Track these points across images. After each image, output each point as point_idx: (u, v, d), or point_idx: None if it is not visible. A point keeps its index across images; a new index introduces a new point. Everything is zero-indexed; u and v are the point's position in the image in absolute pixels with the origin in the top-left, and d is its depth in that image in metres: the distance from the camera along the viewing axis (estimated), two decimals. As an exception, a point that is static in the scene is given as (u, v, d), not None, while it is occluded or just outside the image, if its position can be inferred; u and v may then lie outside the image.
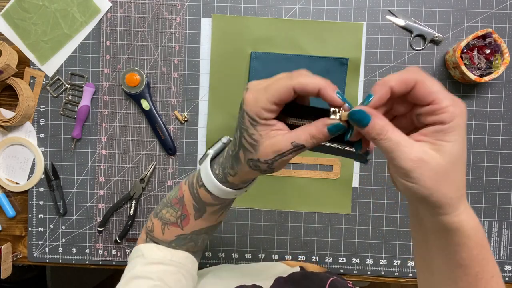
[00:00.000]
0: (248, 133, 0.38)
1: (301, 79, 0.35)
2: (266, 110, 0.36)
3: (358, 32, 0.80)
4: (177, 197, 0.51)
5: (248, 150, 0.39)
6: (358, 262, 0.82)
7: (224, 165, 0.44)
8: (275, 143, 0.37)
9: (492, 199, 0.81)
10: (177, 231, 0.51)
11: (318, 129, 0.36)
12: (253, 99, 0.37)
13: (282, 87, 0.35)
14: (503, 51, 0.73)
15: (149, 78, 0.81)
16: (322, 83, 0.35)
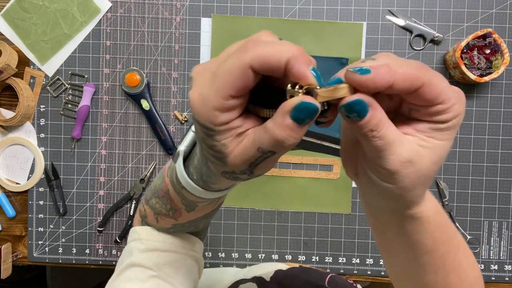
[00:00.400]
0: (207, 145, 0.27)
1: (259, 50, 0.24)
2: (221, 110, 0.25)
3: (358, 32, 0.80)
4: (162, 190, 0.43)
5: (215, 163, 0.29)
6: (358, 262, 0.82)
7: (200, 171, 0.34)
8: (243, 151, 0.26)
9: (492, 199, 0.81)
10: (171, 221, 0.45)
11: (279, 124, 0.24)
12: (200, 99, 0.25)
13: (234, 70, 0.24)
14: (503, 51, 0.73)
15: (149, 78, 0.81)
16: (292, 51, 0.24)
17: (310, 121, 0.24)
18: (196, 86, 0.26)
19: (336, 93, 0.24)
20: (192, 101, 0.26)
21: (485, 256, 0.82)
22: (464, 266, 0.36)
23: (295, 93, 0.24)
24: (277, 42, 0.25)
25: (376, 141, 0.25)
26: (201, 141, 0.28)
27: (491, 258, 0.82)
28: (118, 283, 0.47)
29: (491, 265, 0.82)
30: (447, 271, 0.34)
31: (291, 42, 0.25)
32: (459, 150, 0.81)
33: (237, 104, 0.25)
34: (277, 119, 0.24)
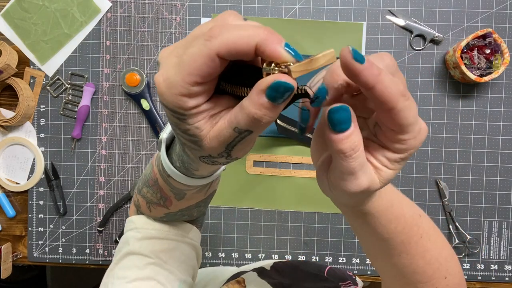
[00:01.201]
0: (181, 129, 0.27)
1: (225, 36, 0.23)
2: (187, 96, 0.24)
3: (358, 32, 0.80)
4: (152, 179, 0.43)
5: (192, 148, 0.28)
6: (358, 262, 0.82)
7: (182, 158, 0.34)
8: (219, 132, 0.25)
9: (492, 199, 0.81)
10: (163, 210, 0.45)
11: (254, 102, 0.23)
12: (166, 84, 0.24)
13: (200, 57, 0.23)
14: (503, 51, 0.73)
15: (149, 78, 0.81)
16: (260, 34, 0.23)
17: (286, 99, 0.23)
18: (162, 69, 0.25)
19: (312, 65, 0.23)
20: (158, 85, 0.25)
21: (485, 256, 0.82)
22: (430, 250, 0.38)
23: (271, 70, 0.23)
24: (243, 25, 0.23)
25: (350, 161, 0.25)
26: (174, 127, 0.27)
27: (491, 258, 0.82)
28: (116, 271, 0.47)
29: (491, 265, 0.82)
30: (411, 255, 0.36)
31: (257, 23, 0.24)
32: (459, 150, 0.81)
33: (205, 90, 0.24)
34: (252, 97, 0.23)
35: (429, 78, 0.80)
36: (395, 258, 0.37)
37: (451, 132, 0.81)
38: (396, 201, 0.35)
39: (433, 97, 0.81)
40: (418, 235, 0.37)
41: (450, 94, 0.81)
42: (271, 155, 0.81)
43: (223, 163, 0.30)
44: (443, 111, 0.81)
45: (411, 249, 0.36)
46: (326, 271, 0.62)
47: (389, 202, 0.34)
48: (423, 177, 0.81)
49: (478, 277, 0.82)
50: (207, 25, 0.25)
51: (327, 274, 0.62)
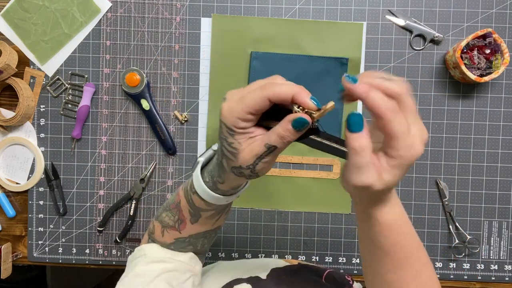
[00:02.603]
0: (227, 142, 0.38)
1: (274, 88, 0.36)
2: (241, 120, 0.37)
3: (358, 32, 0.80)
4: (174, 202, 0.52)
5: (229, 159, 0.39)
6: (358, 262, 0.82)
7: (212, 173, 0.45)
8: (253, 148, 0.38)
9: (492, 199, 0.81)
10: (176, 234, 0.52)
11: (283, 127, 0.37)
12: (228, 110, 0.37)
13: (256, 98, 0.36)
14: (503, 51, 0.73)
15: (149, 78, 0.81)
16: (295, 89, 0.36)
17: (303, 130, 0.37)
18: (227, 101, 0.38)
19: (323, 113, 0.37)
20: (223, 109, 0.37)
21: (485, 256, 0.82)
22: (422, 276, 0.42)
23: (298, 111, 0.37)
24: (286, 83, 0.37)
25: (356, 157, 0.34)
26: (223, 140, 0.39)
27: (491, 258, 0.82)
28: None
29: (491, 265, 0.82)
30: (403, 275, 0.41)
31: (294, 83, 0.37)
32: (459, 150, 0.81)
33: (252, 119, 0.37)
34: (283, 124, 0.37)
35: (429, 78, 0.80)
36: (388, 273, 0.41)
37: (451, 132, 0.81)
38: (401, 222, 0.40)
39: (433, 97, 0.81)
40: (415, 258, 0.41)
41: (450, 94, 0.81)
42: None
43: (248, 176, 0.40)
44: (443, 111, 0.81)
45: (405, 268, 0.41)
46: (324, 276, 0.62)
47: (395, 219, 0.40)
48: (423, 177, 0.81)
49: (478, 277, 0.82)
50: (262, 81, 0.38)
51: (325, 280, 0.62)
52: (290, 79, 0.84)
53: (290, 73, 0.80)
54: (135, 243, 0.83)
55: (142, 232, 0.83)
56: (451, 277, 0.82)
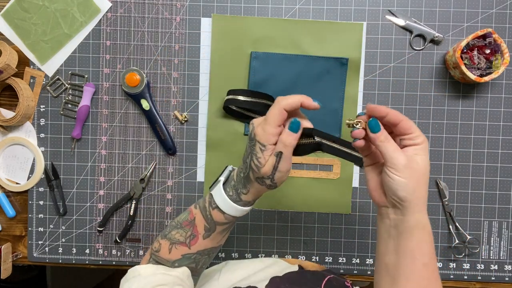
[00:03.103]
0: (256, 157, 0.49)
1: (285, 101, 0.48)
2: (272, 135, 0.48)
3: (358, 32, 0.80)
4: (187, 220, 0.58)
5: (254, 170, 0.50)
6: (358, 262, 0.82)
7: (237, 187, 0.54)
8: (270, 161, 0.49)
9: (492, 199, 0.81)
10: (184, 250, 0.57)
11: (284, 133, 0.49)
12: (262, 130, 0.49)
13: (277, 111, 0.48)
14: (503, 51, 0.73)
15: (149, 78, 0.81)
16: (302, 98, 0.49)
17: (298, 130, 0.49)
18: (258, 126, 0.49)
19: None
20: (258, 132, 0.49)
21: (485, 256, 0.82)
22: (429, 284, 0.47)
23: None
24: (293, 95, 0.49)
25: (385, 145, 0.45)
26: (253, 155, 0.50)
27: (491, 258, 0.82)
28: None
29: (491, 265, 0.82)
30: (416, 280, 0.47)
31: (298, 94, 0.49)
32: (459, 150, 0.81)
33: (278, 132, 0.49)
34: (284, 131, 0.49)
35: (429, 78, 0.80)
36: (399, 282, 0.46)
37: (451, 132, 0.81)
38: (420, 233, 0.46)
39: (433, 97, 0.81)
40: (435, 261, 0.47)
41: (450, 94, 0.81)
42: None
43: (268, 185, 0.51)
44: (443, 111, 0.81)
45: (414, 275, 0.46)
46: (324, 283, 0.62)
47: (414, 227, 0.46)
48: (423, 177, 0.81)
49: (478, 277, 0.82)
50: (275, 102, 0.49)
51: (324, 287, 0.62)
52: (290, 79, 0.85)
53: (290, 73, 0.80)
54: (135, 243, 0.83)
55: (142, 232, 0.83)
56: (451, 277, 0.82)
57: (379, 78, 0.81)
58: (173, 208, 0.83)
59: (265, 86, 0.80)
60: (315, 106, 0.49)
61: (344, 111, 0.80)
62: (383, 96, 0.81)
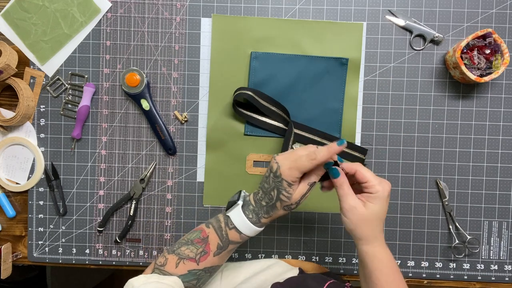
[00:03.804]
0: (286, 191, 0.56)
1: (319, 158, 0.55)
2: (297, 177, 0.56)
3: (358, 32, 0.80)
4: (200, 238, 0.61)
5: (284, 201, 0.57)
6: (358, 262, 0.82)
7: (257, 212, 0.60)
8: (300, 190, 0.57)
9: (492, 199, 0.81)
10: (192, 265, 0.60)
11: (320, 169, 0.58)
12: (289, 171, 0.55)
13: (308, 164, 0.55)
14: (503, 51, 0.73)
15: (149, 78, 0.81)
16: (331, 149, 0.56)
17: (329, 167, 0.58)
18: (285, 165, 0.56)
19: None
20: (284, 172, 0.56)
21: (485, 256, 0.82)
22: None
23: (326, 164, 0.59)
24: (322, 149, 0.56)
25: (339, 190, 0.57)
26: (282, 189, 0.57)
27: (491, 258, 0.82)
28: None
29: (491, 265, 0.82)
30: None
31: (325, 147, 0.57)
32: (459, 150, 0.81)
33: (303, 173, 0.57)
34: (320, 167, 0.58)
35: (429, 78, 0.80)
36: None
37: (451, 132, 0.81)
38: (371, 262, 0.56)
39: (433, 97, 0.81)
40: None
41: (450, 94, 0.81)
42: (271, 155, 0.81)
43: (292, 208, 0.59)
44: (443, 111, 0.81)
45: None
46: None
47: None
48: (423, 177, 0.81)
49: (478, 277, 0.82)
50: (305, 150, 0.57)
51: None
52: (290, 79, 0.85)
53: (290, 73, 0.80)
54: (135, 243, 0.83)
55: (142, 232, 0.83)
56: (451, 277, 0.82)
57: (379, 78, 0.81)
58: (173, 208, 0.83)
59: (265, 86, 0.80)
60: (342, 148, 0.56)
61: (344, 111, 0.80)
62: (383, 96, 0.81)
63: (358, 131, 0.81)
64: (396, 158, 0.81)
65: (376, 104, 0.81)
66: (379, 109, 0.81)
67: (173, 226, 0.83)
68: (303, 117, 0.81)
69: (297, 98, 0.80)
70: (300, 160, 0.55)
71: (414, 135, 0.81)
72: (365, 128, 0.81)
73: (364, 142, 0.81)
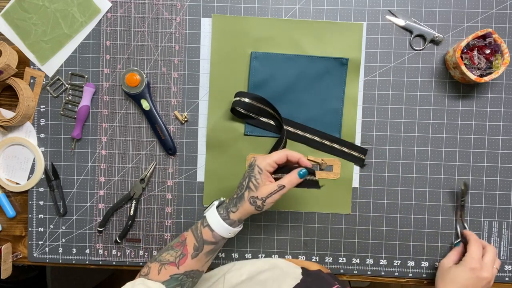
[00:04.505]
0: (255, 178, 0.61)
1: (291, 152, 0.64)
2: (269, 165, 0.62)
3: (358, 32, 0.80)
4: (179, 241, 0.64)
5: (252, 190, 0.61)
6: (358, 262, 0.82)
7: (228, 206, 0.63)
8: (268, 187, 0.61)
9: (492, 199, 0.81)
10: (173, 270, 0.61)
11: (293, 176, 0.63)
12: (263, 159, 0.62)
13: (280, 153, 0.63)
14: (503, 51, 0.73)
15: (149, 78, 0.81)
16: (300, 156, 0.64)
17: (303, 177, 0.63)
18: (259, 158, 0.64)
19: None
20: (259, 159, 0.63)
21: (485, 256, 0.82)
22: None
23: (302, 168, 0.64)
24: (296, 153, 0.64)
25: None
26: (252, 177, 0.62)
27: (491, 258, 0.82)
28: None
29: (491, 265, 0.82)
30: None
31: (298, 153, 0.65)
32: (459, 150, 0.81)
33: (274, 167, 0.63)
34: (292, 173, 0.63)
35: (429, 78, 0.80)
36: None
37: (451, 133, 0.81)
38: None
39: (433, 97, 0.81)
40: None
41: (450, 94, 0.81)
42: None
43: (257, 206, 0.61)
44: (443, 111, 0.81)
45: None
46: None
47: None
48: (423, 177, 0.81)
49: (478, 277, 0.82)
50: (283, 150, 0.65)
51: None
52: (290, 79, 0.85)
53: (290, 73, 0.80)
54: (135, 243, 0.83)
55: (142, 232, 0.83)
56: (451, 277, 0.82)
57: (379, 78, 0.81)
58: (173, 208, 0.83)
59: (265, 86, 0.80)
60: (308, 164, 0.64)
61: (344, 111, 0.80)
62: (383, 96, 0.81)
63: (358, 131, 0.81)
64: (396, 158, 0.81)
65: (376, 104, 0.81)
66: (379, 109, 0.81)
67: (173, 226, 0.83)
68: (303, 117, 0.81)
69: (297, 98, 0.80)
70: (275, 152, 0.64)
71: (414, 135, 0.81)
72: (365, 128, 0.81)
73: (364, 142, 0.81)
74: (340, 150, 0.81)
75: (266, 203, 0.61)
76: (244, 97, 0.77)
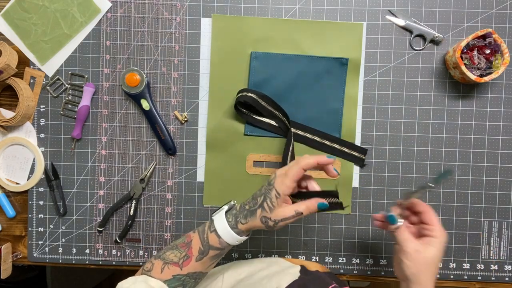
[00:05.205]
0: (271, 200, 0.57)
1: (304, 161, 0.57)
2: (289, 188, 0.57)
3: (358, 32, 0.80)
4: (184, 242, 0.62)
5: (265, 210, 0.58)
6: (358, 262, 0.82)
7: (237, 216, 0.60)
8: (284, 211, 0.57)
9: (492, 199, 0.81)
10: (176, 270, 0.60)
11: (312, 205, 0.58)
12: (281, 182, 0.57)
13: (296, 170, 0.56)
14: (503, 51, 0.73)
15: (149, 78, 0.81)
16: (318, 158, 0.58)
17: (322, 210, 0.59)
18: (278, 177, 0.58)
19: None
20: (277, 183, 0.57)
21: (485, 256, 0.82)
22: None
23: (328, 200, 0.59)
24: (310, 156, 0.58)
25: (401, 235, 0.59)
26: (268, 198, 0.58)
27: (491, 258, 0.82)
28: None
29: (491, 265, 0.82)
30: None
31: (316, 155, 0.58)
32: (459, 150, 0.81)
33: (294, 187, 0.58)
34: (312, 201, 0.58)
35: (429, 78, 0.80)
36: None
37: (451, 132, 0.81)
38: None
39: (433, 97, 0.81)
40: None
41: (450, 94, 0.81)
42: (271, 155, 0.81)
43: (268, 226, 0.58)
44: (443, 111, 0.81)
45: None
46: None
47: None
48: (423, 177, 0.81)
49: (478, 277, 0.82)
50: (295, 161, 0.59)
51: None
52: (290, 79, 0.85)
53: (290, 73, 0.80)
54: (135, 243, 0.83)
55: (142, 232, 0.83)
56: (451, 277, 0.82)
57: (379, 78, 0.81)
58: (173, 208, 0.83)
59: (265, 86, 0.80)
60: (329, 161, 0.58)
61: (344, 111, 0.80)
62: (383, 96, 0.81)
63: (358, 131, 0.81)
64: (396, 158, 0.81)
65: (376, 104, 0.81)
66: (379, 109, 0.81)
67: (173, 226, 0.83)
68: (303, 117, 0.81)
69: (297, 98, 0.80)
70: (291, 168, 0.57)
71: (414, 135, 0.81)
72: (365, 128, 0.81)
73: (364, 142, 0.81)
74: (340, 150, 0.81)
75: (278, 226, 0.57)
76: (250, 92, 0.77)
